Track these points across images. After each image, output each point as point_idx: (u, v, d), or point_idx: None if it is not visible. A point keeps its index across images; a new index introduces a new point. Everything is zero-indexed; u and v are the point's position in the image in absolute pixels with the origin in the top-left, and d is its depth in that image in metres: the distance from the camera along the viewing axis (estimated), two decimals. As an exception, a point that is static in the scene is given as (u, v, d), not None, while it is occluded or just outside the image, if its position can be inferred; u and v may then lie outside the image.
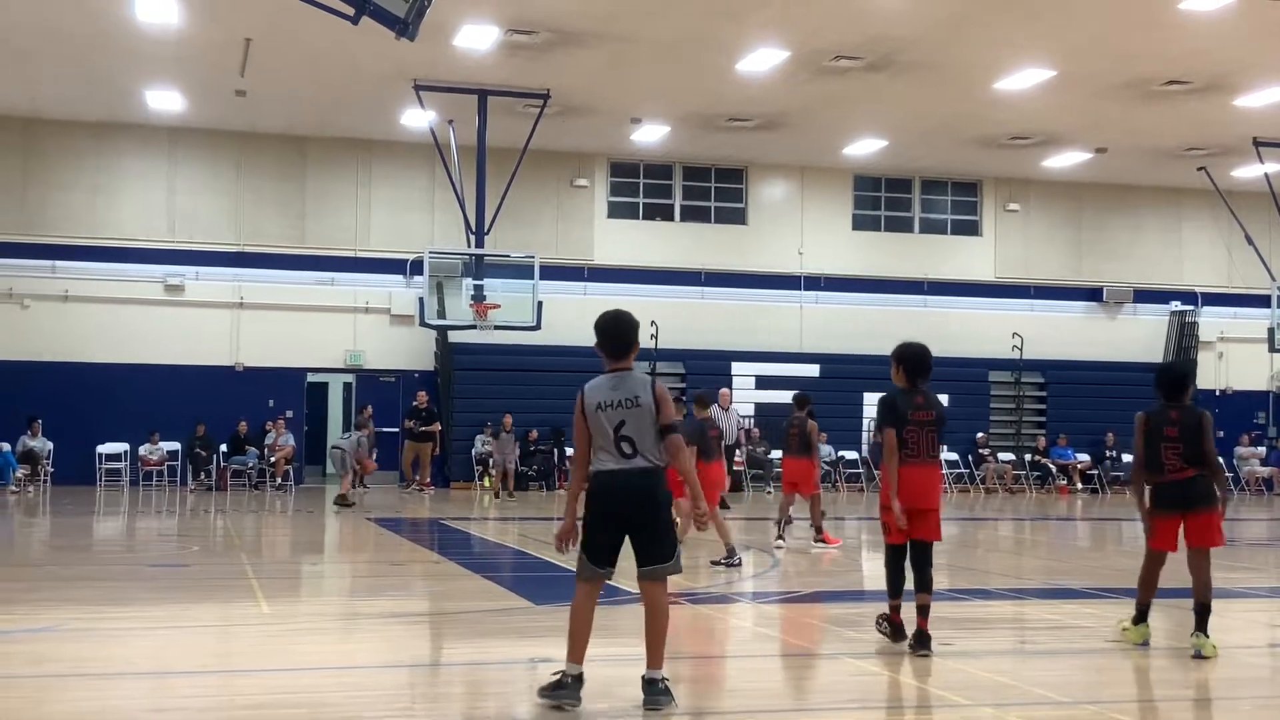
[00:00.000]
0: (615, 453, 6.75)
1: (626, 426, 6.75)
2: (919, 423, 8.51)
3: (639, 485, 6.77)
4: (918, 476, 8.46)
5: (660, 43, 22.11)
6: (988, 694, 7.52)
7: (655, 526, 6.82)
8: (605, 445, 6.78)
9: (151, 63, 23.86)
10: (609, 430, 6.75)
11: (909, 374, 8.70)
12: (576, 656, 6.76)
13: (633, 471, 6.76)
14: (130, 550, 16.44)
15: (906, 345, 8.86)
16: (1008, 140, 28.89)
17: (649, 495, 6.79)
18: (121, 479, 27.22)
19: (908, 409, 8.51)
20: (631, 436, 6.75)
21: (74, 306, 27.96)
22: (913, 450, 8.48)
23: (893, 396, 8.64)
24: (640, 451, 6.76)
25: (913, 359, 8.74)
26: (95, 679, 7.65)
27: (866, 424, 30.93)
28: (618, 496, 6.77)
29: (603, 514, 6.81)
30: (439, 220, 29.24)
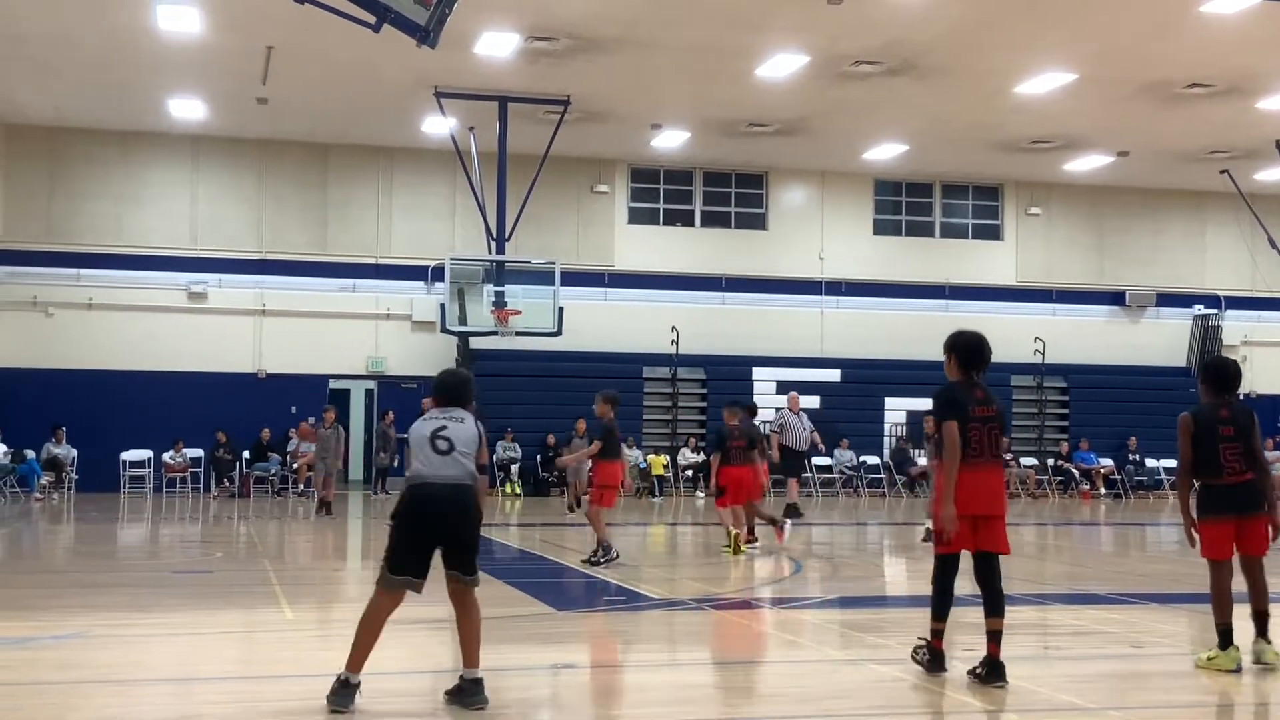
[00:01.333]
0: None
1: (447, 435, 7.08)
2: (981, 419, 7.62)
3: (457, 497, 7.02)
4: (982, 479, 7.56)
5: (680, 48, 22.12)
6: (1011, 699, 7.49)
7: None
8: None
9: (174, 72, 23.99)
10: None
11: (963, 364, 7.87)
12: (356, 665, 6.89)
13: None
14: (154, 557, 16.51)
15: (960, 333, 8.05)
16: (1029, 144, 28.81)
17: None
18: (145, 486, 27.34)
19: (968, 403, 7.63)
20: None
21: (98, 314, 28.11)
22: (975, 449, 7.56)
23: (951, 388, 7.77)
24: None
25: (966, 348, 7.90)
26: (121, 685, 7.68)
27: (888, 429, 30.88)
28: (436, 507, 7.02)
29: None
30: (460, 227, 29.31)
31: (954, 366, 7.93)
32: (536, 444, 29.17)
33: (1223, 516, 8.28)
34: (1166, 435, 12.27)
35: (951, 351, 7.97)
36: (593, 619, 10.54)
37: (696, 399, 30.32)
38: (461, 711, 6.79)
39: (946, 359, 8.00)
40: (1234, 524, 8.27)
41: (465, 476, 7.00)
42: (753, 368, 30.31)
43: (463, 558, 7.00)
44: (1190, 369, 33.78)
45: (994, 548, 7.70)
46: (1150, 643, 9.79)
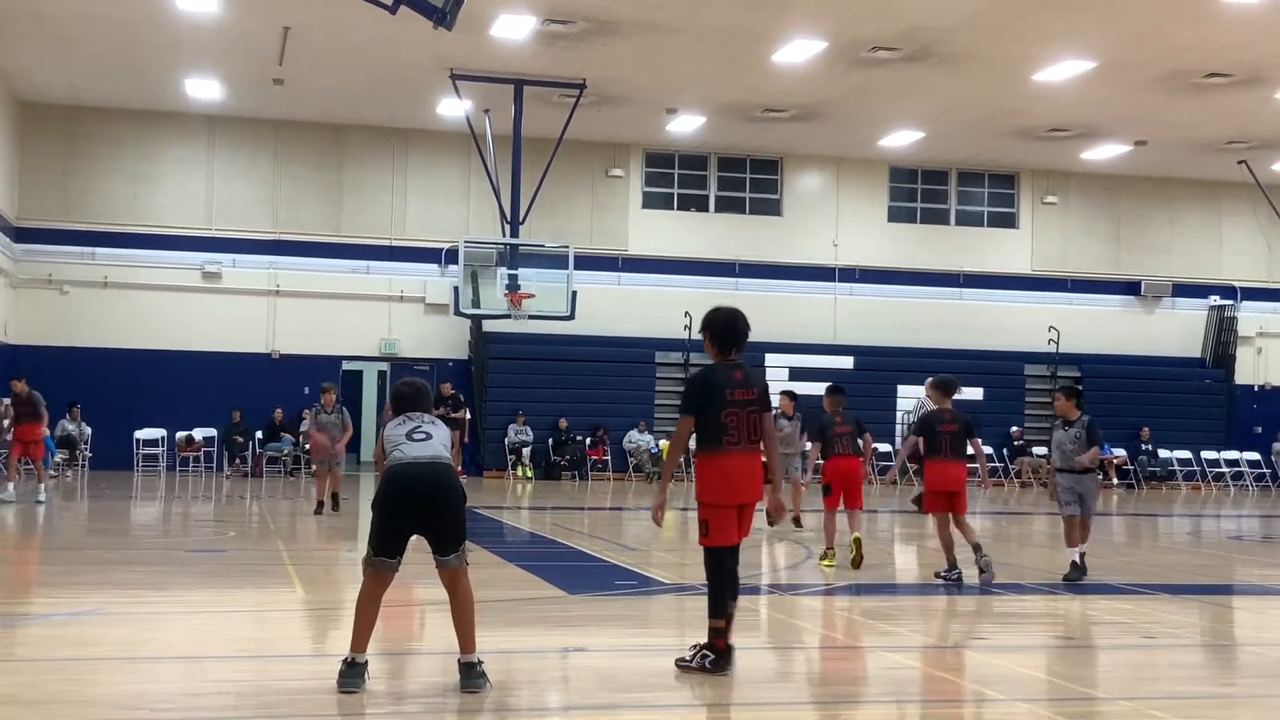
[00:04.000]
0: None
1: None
2: (740, 402, 7.51)
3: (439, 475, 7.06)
4: (743, 465, 7.49)
5: (697, 33, 22.07)
6: (1023, 689, 7.50)
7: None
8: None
9: (191, 51, 24.01)
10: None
11: (719, 345, 7.66)
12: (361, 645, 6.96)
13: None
14: (168, 535, 16.58)
15: (713, 310, 7.79)
16: (1046, 132, 28.71)
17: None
18: (159, 464, 27.44)
19: (726, 385, 7.49)
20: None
21: (113, 293, 28.19)
22: (734, 436, 7.47)
23: (707, 372, 7.62)
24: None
25: (720, 326, 7.65)
26: (135, 662, 7.72)
27: (901, 416, 30.85)
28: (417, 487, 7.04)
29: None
30: (474, 209, 29.31)
31: (711, 347, 7.72)
32: (549, 427, 29.21)
33: None
34: (1180, 426, 12.27)
35: (706, 330, 7.74)
36: (604, 603, 10.56)
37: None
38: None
39: (703, 339, 7.80)
40: None
41: (443, 456, 7.10)
42: (765, 354, 30.22)
43: (443, 535, 7.01)
44: (1205, 360, 33.73)
45: (747, 534, 7.70)
46: (1161, 633, 9.78)
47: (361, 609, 7.03)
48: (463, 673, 6.95)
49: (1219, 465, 31.45)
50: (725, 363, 7.68)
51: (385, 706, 6.72)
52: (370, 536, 7.08)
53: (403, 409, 7.38)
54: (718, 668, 7.42)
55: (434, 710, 6.68)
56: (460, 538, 7.07)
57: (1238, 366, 33.27)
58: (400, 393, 7.50)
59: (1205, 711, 7.27)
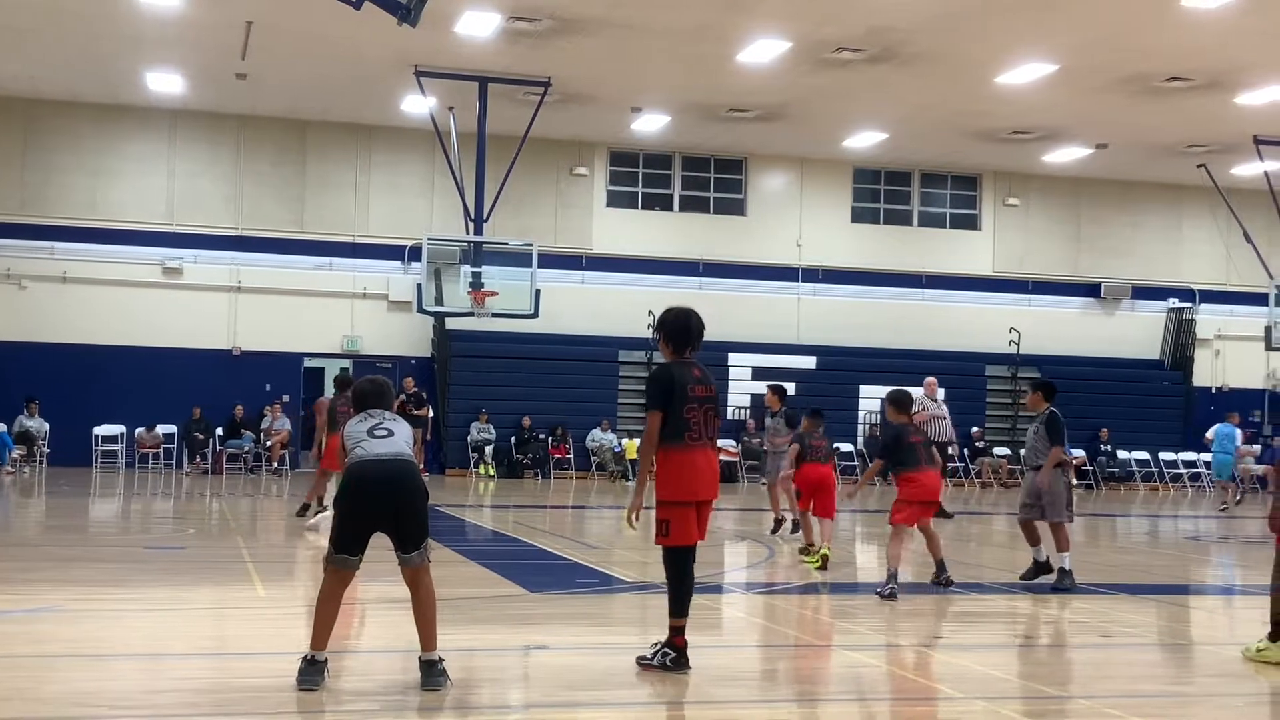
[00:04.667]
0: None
1: None
2: (699, 399, 7.57)
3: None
4: (704, 461, 7.60)
5: (662, 32, 22.08)
6: (981, 687, 7.55)
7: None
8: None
9: (152, 45, 23.82)
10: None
11: (674, 345, 7.73)
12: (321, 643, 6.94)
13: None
14: (126, 532, 16.46)
15: (666, 311, 7.85)
16: (1008, 134, 28.89)
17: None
18: (118, 461, 27.22)
19: (687, 382, 7.55)
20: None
21: (72, 288, 27.94)
22: (695, 432, 7.54)
23: (668, 368, 7.67)
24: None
25: (673, 327, 7.68)
26: (93, 660, 7.67)
27: (863, 416, 30.98)
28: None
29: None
30: (438, 207, 29.23)
31: (665, 346, 7.79)
32: (511, 426, 29.16)
33: None
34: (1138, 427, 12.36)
35: (660, 331, 7.82)
36: (566, 601, 10.56)
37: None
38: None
39: (658, 339, 7.87)
40: None
41: (406, 454, 7.08)
42: (729, 353, 30.32)
43: (405, 533, 6.99)
44: (1164, 362, 34.03)
45: (704, 534, 7.71)
46: (1119, 632, 9.87)
47: (322, 607, 7.00)
48: (424, 670, 6.93)
49: (1176, 466, 31.74)
50: (681, 361, 7.71)
51: (345, 705, 6.70)
52: (332, 534, 7.06)
53: (363, 406, 7.34)
54: (678, 665, 7.44)
55: (394, 708, 6.67)
56: (423, 535, 7.04)
57: (1196, 369, 33.60)
58: (361, 390, 7.46)
59: (1161, 710, 7.34)
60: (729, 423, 29.80)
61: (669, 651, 7.48)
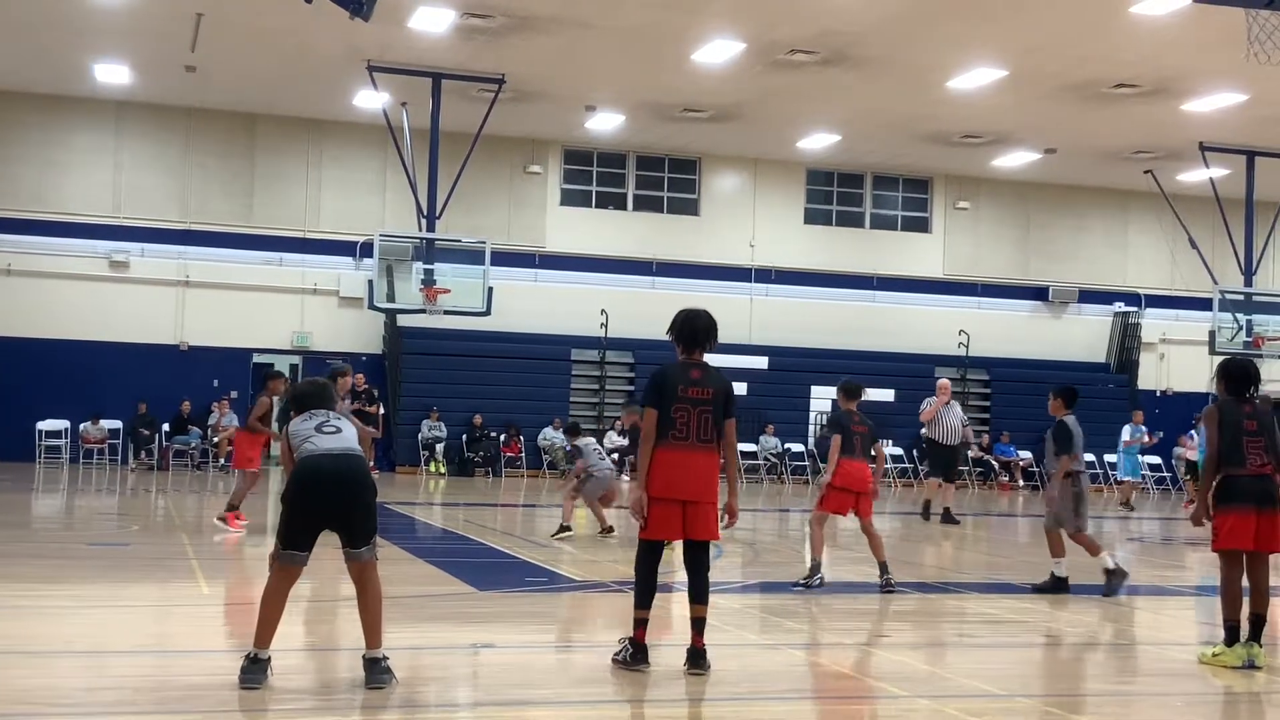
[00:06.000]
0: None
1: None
2: (692, 400, 7.66)
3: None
4: (690, 462, 7.57)
5: (617, 31, 22.08)
6: (925, 686, 7.59)
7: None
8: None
9: (100, 35, 23.56)
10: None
11: (684, 345, 7.90)
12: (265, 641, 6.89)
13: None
14: (69, 529, 16.28)
15: (679, 313, 8.04)
16: (959, 138, 29.09)
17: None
18: (61, 456, 26.90)
19: (679, 382, 7.67)
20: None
21: (16, 281, 27.59)
22: (681, 431, 7.59)
23: (663, 368, 7.86)
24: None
25: (681, 328, 7.89)
26: (33, 657, 7.58)
27: (814, 416, 31.10)
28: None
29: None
30: (390, 203, 29.09)
31: (677, 347, 7.92)
32: (463, 424, 29.08)
33: (1243, 507, 8.34)
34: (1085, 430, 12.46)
35: (670, 332, 7.96)
36: (513, 599, 10.54)
37: (624, 382, 30.34)
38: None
39: (673, 341, 7.97)
40: (1254, 517, 8.35)
41: (355, 448, 7.06)
42: (680, 353, 30.40)
43: (355, 528, 6.94)
44: (1110, 365, 34.38)
45: (704, 535, 7.65)
46: (1062, 633, 9.95)
47: (266, 603, 6.93)
48: (367, 668, 6.88)
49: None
50: (686, 361, 7.82)
51: (287, 703, 6.66)
52: (279, 530, 6.99)
53: (305, 407, 7.29)
54: (636, 661, 7.47)
55: (338, 706, 6.62)
56: (371, 531, 7.00)
57: (1141, 372, 33.99)
58: (302, 391, 7.46)
59: (1103, 709, 7.41)
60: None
61: (629, 646, 7.54)
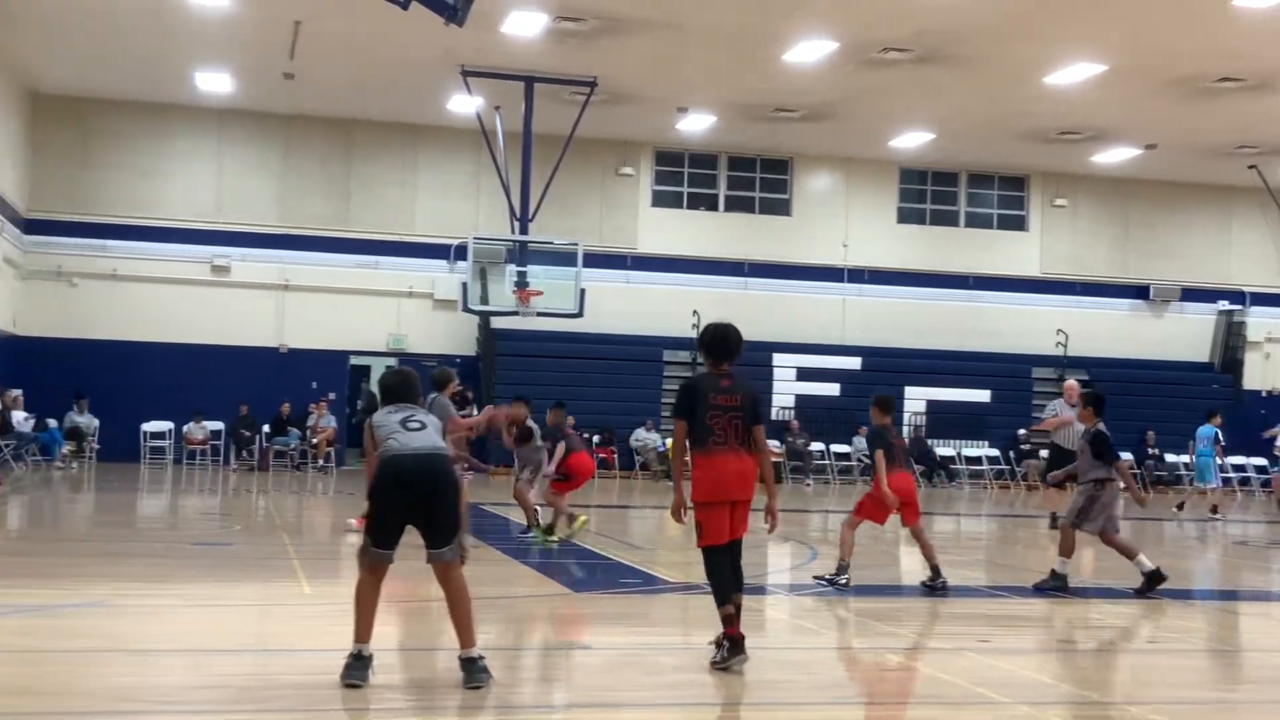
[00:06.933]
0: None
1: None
2: (722, 407, 7.90)
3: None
4: (729, 464, 7.82)
5: (708, 32, 22.07)
6: (1025, 692, 7.49)
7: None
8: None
9: (202, 44, 24.04)
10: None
11: (713, 357, 8.20)
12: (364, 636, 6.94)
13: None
14: (174, 528, 16.61)
15: (706, 327, 8.41)
16: (1057, 135, 28.68)
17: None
18: (165, 457, 27.48)
19: (710, 390, 7.94)
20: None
21: (122, 285, 28.24)
22: (720, 436, 7.83)
23: (693, 378, 8.34)
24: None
25: (711, 341, 8.24)
26: (138, 655, 7.74)
27: (908, 418, 30.84)
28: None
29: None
30: (484, 206, 29.33)
31: (707, 359, 8.21)
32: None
33: None
34: (1187, 430, 12.21)
35: (700, 345, 8.26)
36: (609, 601, 10.56)
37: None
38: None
39: (701, 354, 8.27)
40: None
41: (439, 446, 7.07)
42: (773, 354, 30.30)
43: (436, 527, 6.98)
44: (1213, 364, 33.67)
45: (742, 532, 7.92)
46: (1164, 638, 9.78)
47: (360, 600, 7.02)
48: (464, 668, 6.92)
49: (1225, 470, 31.36)
50: (715, 372, 8.06)
51: (387, 701, 6.73)
52: (366, 528, 7.08)
53: (390, 400, 7.33)
54: (733, 653, 7.55)
55: (435, 706, 6.68)
56: (453, 531, 7.02)
57: (1245, 371, 33.25)
58: (386, 384, 7.47)
59: (1205, 717, 7.27)
60: (774, 423, 29.73)
61: (724, 644, 7.62)
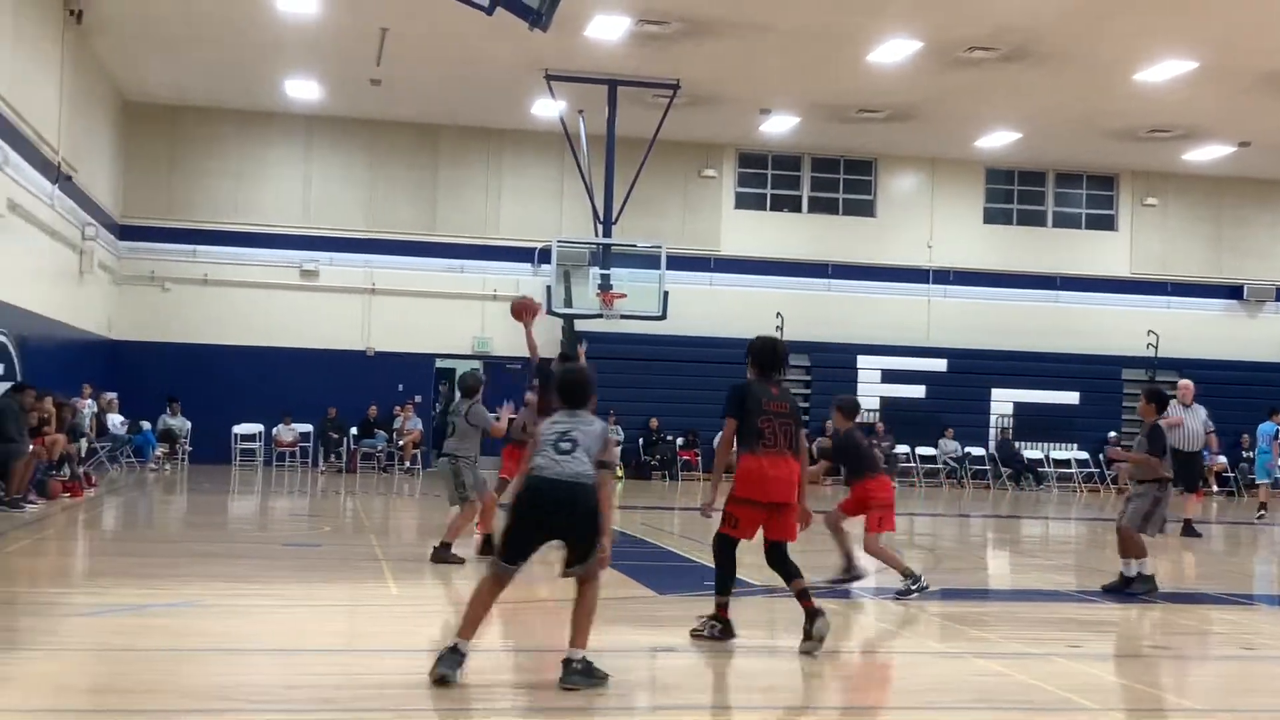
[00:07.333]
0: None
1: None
2: (774, 413, 8.22)
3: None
4: (777, 467, 8.15)
5: (791, 33, 22.00)
6: (1117, 698, 7.38)
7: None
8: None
9: (291, 52, 24.40)
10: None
11: (760, 367, 8.45)
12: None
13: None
14: (264, 529, 16.85)
15: (755, 339, 8.62)
16: (1146, 133, 28.23)
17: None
18: (255, 459, 27.91)
19: (762, 396, 8.25)
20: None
21: (213, 290, 28.73)
22: (770, 440, 8.17)
23: (744, 383, 8.37)
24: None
25: (760, 353, 8.46)
26: (230, 654, 7.86)
27: (994, 420, 30.53)
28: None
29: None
30: (567, 209, 29.47)
31: (753, 369, 8.45)
32: (640, 427, 29.27)
33: None
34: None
35: (748, 356, 8.54)
36: (693, 603, 10.54)
37: (800, 386, 30.20)
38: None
39: (747, 364, 8.53)
40: None
41: (583, 475, 7.02)
42: (857, 355, 30.12)
43: (573, 548, 7.06)
44: (1310, 366, 32.93)
45: (788, 536, 8.31)
46: (1261, 645, 9.57)
47: (474, 598, 7.07)
48: (564, 667, 6.94)
49: (1288, 468, 30.66)
50: (763, 381, 8.38)
51: (475, 701, 6.76)
52: (501, 536, 7.14)
53: (566, 402, 7.26)
54: (725, 635, 8.24)
55: (520, 706, 6.70)
56: (590, 550, 7.05)
57: (1342, 375, 32.50)
58: (564, 383, 7.34)
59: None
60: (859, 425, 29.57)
61: (716, 623, 8.28)
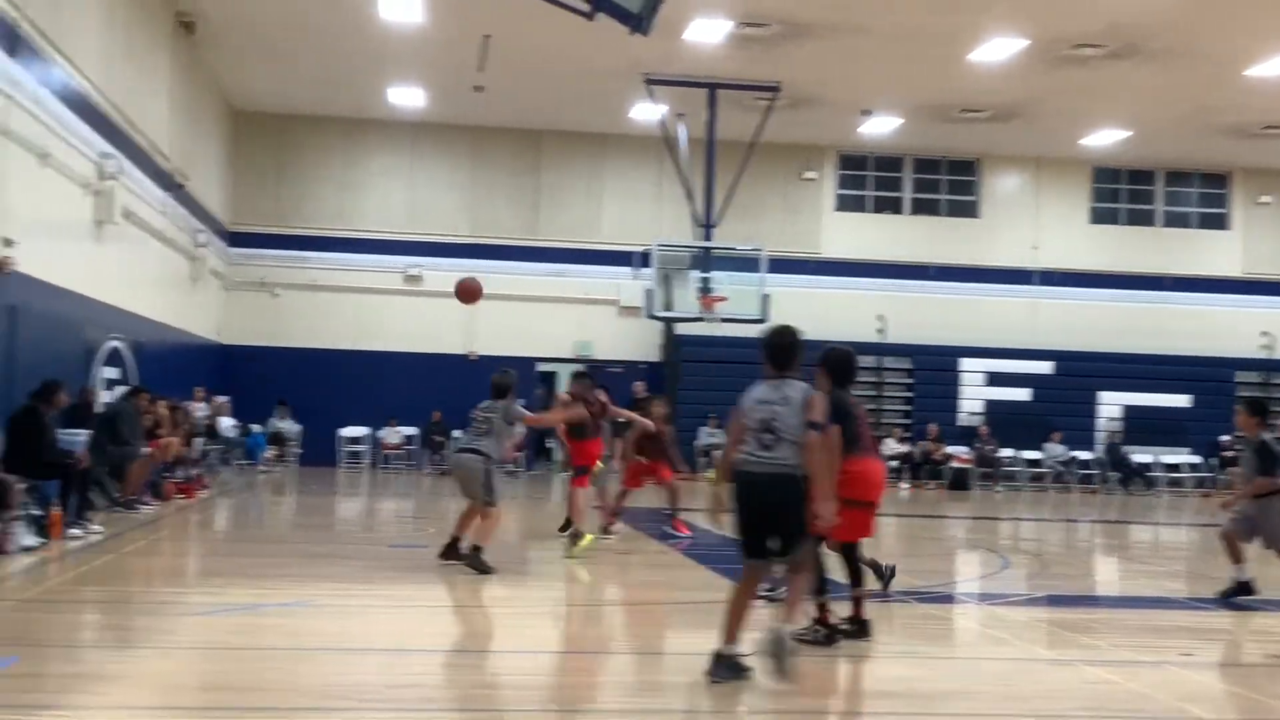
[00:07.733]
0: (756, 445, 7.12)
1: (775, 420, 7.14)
2: (862, 419, 8.68)
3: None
4: (877, 471, 8.84)
5: (892, 33, 21.84)
6: (1229, 708, 7.24)
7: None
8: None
9: (395, 60, 24.75)
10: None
11: (836, 378, 8.63)
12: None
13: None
14: (371, 530, 17.11)
15: (831, 349, 8.82)
16: (1260, 130, 27.57)
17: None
18: (362, 461, 28.34)
19: (853, 406, 8.65)
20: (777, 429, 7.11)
21: (321, 295, 29.23)
22: (868, 445, 8.74)
23: (837, 394, 8.35)
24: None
25: (837, 363, 8.73)
26: (342, 653, 8.00)
27: (1102, 423, 30.01)
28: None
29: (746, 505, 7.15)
30: (667, 213, 29.51)
31: (826, 379, 8.48)
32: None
33: None
34: None
35: (822, 366, 8.61)
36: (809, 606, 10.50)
37: (903, 389, 29.96)
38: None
39: (818, 372, 8.53)
40: None
41: (785, 465, 7.10)
42: (960, 358, 29.79)
43: (781, 539, 7.16)
44: None
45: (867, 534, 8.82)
46: (1383, 655, 9.31)
47: (734, 600, 7.23)
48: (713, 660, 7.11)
49: None
50: (843, 390, 8.55)
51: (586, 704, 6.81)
52: (736, 532, 7.30)
53: (775, 365, 7.31)
54: (830, 641, 8.29)
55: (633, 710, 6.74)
56: (795, 542, 7.15)
57: None
58: (770, 343, 7.39)
59: None
60: (963, 429, 29.34)
61: (819, 629, 8.35)
